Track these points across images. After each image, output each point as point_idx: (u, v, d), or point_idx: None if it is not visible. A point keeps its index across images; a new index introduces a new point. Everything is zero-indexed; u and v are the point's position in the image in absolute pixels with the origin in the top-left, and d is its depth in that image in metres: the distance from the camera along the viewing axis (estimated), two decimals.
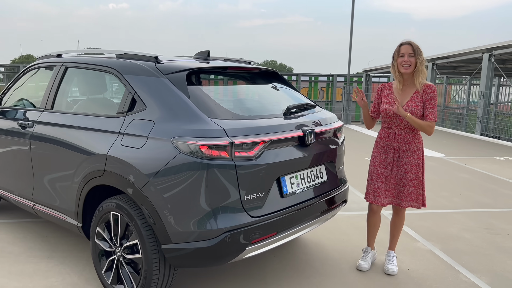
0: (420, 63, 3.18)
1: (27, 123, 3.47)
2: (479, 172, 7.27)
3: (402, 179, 3.26)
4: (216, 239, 2.45)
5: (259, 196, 2.59)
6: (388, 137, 3.28)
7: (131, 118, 2.74)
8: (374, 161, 3.35)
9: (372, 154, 3.38)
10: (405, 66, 3.16)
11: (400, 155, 3.25)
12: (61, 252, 3.62)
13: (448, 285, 3.24)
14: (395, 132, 3.26)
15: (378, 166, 3.30)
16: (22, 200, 3.65)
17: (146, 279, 2.62)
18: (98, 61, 3.19)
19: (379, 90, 3.40)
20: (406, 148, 3.23)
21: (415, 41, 3.19)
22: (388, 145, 3.28)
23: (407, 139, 3.23)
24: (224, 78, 3.51)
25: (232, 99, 3.18)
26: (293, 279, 3.25)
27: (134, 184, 2.58)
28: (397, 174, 3.27)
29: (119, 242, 2.78)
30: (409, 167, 3.24)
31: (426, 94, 3.20)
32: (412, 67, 3.17)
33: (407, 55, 3.16)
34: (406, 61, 3.16)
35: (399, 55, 3.20)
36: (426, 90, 3.21)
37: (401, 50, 3.20)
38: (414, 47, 3.16)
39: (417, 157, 3.25)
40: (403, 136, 3.24)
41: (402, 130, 3.24)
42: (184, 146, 2.44)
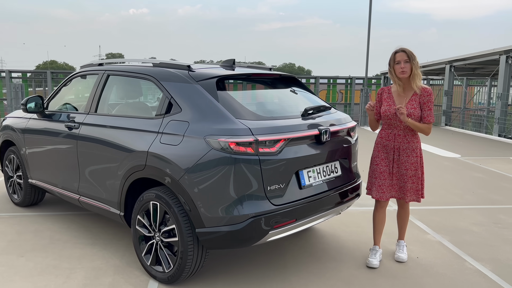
0: (416, 68, 3.41)
1: (74, 124, 3.91)
2: (493, 171, 7.46)
3: (402, 176, 3.50)
4: (243, 223, 2.82)
5: (280, 187, 2.95)
6: (388, 137, 3.53)
7: (169, 120, 3.15)
8: (376, 159, 3.59)
9: (374, 153, 3.62)
10: (403, 72, 3.40)
11: (400, 153, 3.49)
12: (103, 240, 4.05)
13: (453, 271, 3.53)
14: (395, 132, 3.50)
15: (381, 165, 3.54)
16: (68, 193, 4.09)
17: (182, 259, 3.01)
18: (137, 69, 3.62)
19: (379, 93, 3.65)
20: (405, 147, 3.47)
21: (408, 47, 3.42)
22: (388, 144, 3.52)
23: (406, 139, 3.48)
24: (248, 83, 3.87)
25: (256, 102, 3.54)
26: (310, 264, 3.60)
27: (172, 176, 2.97)
28: (398, 171, 3.51)
29: (157, 228, 3.18)
30: (408, 165, 3.47)
31: (423, 98, 3.44)
32: (408, 72, 3.41)
33: (403, 62, 3.40)
34: (403, 67, 3.39)
35: (395, 62, 3.43)
36: (424, 94, 3.44)
37: (397, 58, 3.43)
38: (408, 54, 3.40)
39: (415, 155, 3.49)
40: (402, 136, 3.48)
41: (401, 130, 3.48)
42: (215, 143, 2.83)
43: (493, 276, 3.45)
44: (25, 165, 4.68)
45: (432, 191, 5.92)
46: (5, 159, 5.10)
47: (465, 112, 16.66)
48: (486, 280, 3.38)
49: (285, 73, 3.90)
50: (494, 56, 12.30)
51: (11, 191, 5.12)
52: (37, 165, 4.51)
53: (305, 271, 3.47)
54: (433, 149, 9.65)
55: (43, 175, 4.45)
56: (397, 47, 3.49)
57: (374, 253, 3.65)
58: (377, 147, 3.60)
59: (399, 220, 3.77)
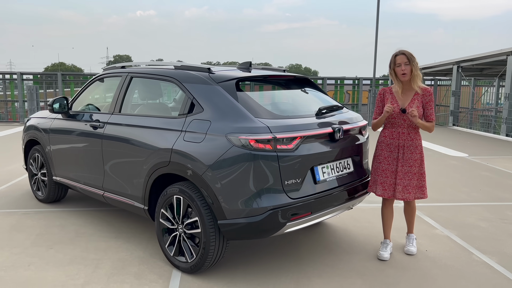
0: (415, 69, 3.55)
1: (98, 124, 4.13)
2: (501, 170, 7.59)
3: (407, 173, 3.61)
4: (262, 215, 3.02)
5: (296, 182, 3.15)
6: (392, 135, 3.65)
7: (191, 119, 3.35)
8: (379, 158, 3.71)
9: (376, 152, 3.75)
10: (403, 74, 3.55)
11: (404, 151, 3.61)
12: (125, 233, 4.26)
13: (461, 263, 3.70)
14: (399, 130, 3.62)
15: (383, 163, 3.68)
16: (92, 189, 4.31)
17: (204, 249, 3.21)
18: (160, 71, 3.83)
19: (381, 94, 3.75)
20: (409, 144, 3.61)
21: (407, 49, 3.57)
22: (392, 143, 3.64)
23: (410, 136, 3.61)
24: (264, 85, 4.06)
25: (272, 102, 3.74)
26: (324, 256, 3.79)
27: (196, 172, 3.17)
28: (402, 169, 3.61)
29: (181, 220, 3.38)
30: (412, 161, 3.61)
31: (425, 97, 3.59)
32: (409, 74, 3.55)
33: (403, 64, 3.53)
34: (403, 69, 3.53)
35: (396, 64, 3.57)
36: (426, 94, 3.60)
37: (397, 60, 3.56)
38: (408, 56, 3.53)
39: (418, 151, 3.63)
40: (406, 134, 3.61)
41: (405, 128, 3.61)
42: (236, 140, 3.03)
43: (499, 267, 3.61)
44: (50, 163, 4.91)
45: (440, 188, 6.08)
46: (30, 158, 5.34)
47: (473, 112, 16.72)
48: (492, 271, 3.55)
49: (299, 74, 4.10)
50: (502, 56, 12.39)
51: (35, 188, 5.35)
52: (61, 163, 4.73)
53: (320, 263, 3.65)
54: (441, 148, 9.78)
55: (67, 172, 4.68)
56: (396, 49, 3.63)
57: (385, 246, 3.82)
58: (380, 146, 3.73)
59: (407, 216, 3.92)
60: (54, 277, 3.33)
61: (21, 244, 3.95)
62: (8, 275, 3.35)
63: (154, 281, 3.29)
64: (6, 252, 3.77)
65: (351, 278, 3.39)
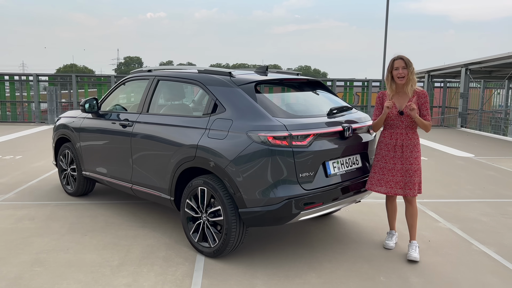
0: (411, 74, 3.75)
1: (128, 123, 4.51)
2: (505, 170, 7.85)
3: (408, 170, 3.78)
4: (278, 204, 3.37)
5: (309, 175, 3.49)
6: (391, 136, 3.84)
7: (215, 118, 3.72)
8: (377, 156, 3.91)
9: (376, 151, 3.96)
10: (400, 77, 3.76)
11: (403, 150, 3.79)
12: (151, 223, 4.64)
13: (461, 252, 4.02)
14: (398, 131, 3.81)
15: (381, 161, 3.87)
16: (121, 182, 4.69)
17: (226, 235, 3.57)
18: (185, 75, 4.20)
19: (379, 97, 3.94)
20: (408, 143, 3.79)
21: (405, 55, 3.79)
22: (391, 143, 3.82)
23: (408, 136, 3.80)
24: (280, 87, 4.41)
25: (287, 102, 4.08)
26: (334, 245, 4.13)
27: (219, 165, 3.54)
28: (402, 167, 3.79)
29: (204, 209, 3.74)
30: (412, 159, 3.78)
31: (420, 99, 3.78)
32: (406, 78, 3.76)
33: (401, 68, 3.74)
34: (401, 73, 3.74)
35: (394, 68, 3.78)
36: (421, 96, 3.79)
37: (395, 64, 3.77)
38: (405, 61, 3.75)
39: (417, 150, 3.82)
40: (404, 134, 3.80)
41: (403, 129, 3.80)
42: (256, 137, 3.38)
43: (496, 256, 3.92)
44: (80, 159, 5.32)
45: (445, 186, 6.38)
46: (60, 154, 5.75)
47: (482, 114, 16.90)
48: (490, 259, 3.86)
49: (312, 78, 4.44)
50: (509, 59, 12.59)
51: (64, 182, 5.76)
52: (91, 158, 5.13)
53: (330, 250, 3.99)
54: (448, 149, 10.04)
55: (96, 167, 5.07)
56: (394, 54, 3.85)
57: (391, 236, 4.14)
58: (379, 145, 3.93)
59: (408, 218, 3.93)
60: (91, 259, 3.72)
61: (57, 232, 4.35)
62: (51, 257, 3.74)
63: (180, 264, 3.65)
64: (45, 238, 4.17)
65: (359, 263, 3.72)
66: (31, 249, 3.91)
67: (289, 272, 3.53)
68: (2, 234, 4.26)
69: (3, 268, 3.52)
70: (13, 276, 3.39)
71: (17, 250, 3.88)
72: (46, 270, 3.50)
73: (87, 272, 3.47)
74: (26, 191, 5.88)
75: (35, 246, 3.98)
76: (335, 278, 3.45)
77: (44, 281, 3.33)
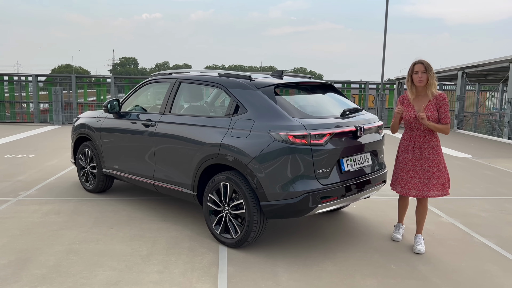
0: (431, 77, 3.90)
1: (151, 122, 4.79)
2: (502, 170, 8.20)
3: (426, 172, 3.96)
4: (298, 198, 3.66)
5: (326, 171, 3.79)
6: (410, 138, 4.04)
7: (237, 118, 4.00)
8: (399, 158, 4.12)
9: (398, 153, 4.16)
10: (420, 81, 3.93)
11: (422, 152, 3.97)
12: (171, 217, 4.92)
13: (463, 243, 4.33)
14: (416, 134, 4.00)
15: (402, 163, 4.07)
16: (143, 179, 4.96)
17: (248, 227, 3.85)
18: (207, 78, 4.49)
19: (400, 100, 4.12)
20: (426, 146, 3.97)
21: (426, 59, 3.95)
22: (410, 145, 4.02)
23: (426, 139, 3.98)
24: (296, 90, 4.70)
25: (303, 104, 4.35)
26: (346, 236, 4.43)
27: (242, 162, 3.82)
28: (421, 169, 3.97)
29: (227, 203, 4.03)
30: (430, 161, 3.96)
31: (439, 102, 3.93)
32: (425, 81, 3.91)
33: (420, 72, 3.90)
34: (420, 77, 3.91)
35: (414, 72, 3.94)
36: (439, 99, 3.93)
37: (415, 68, 3.93)
38: (425, 65, 3.90)
39: (436, 152, 3.98)
40: (423, 136, 3.98)
41: (421, 132, 3.98)
42: (277, 136, 3.68)
43: (496, 247, 4.23)
44: (100, 157, 5.58)
45: None
46: (79, 153, 6.00)
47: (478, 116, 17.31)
48: (489, 250, 4.17)
49: (324, 81, 4.74)
50: (504, 63, 12.99)
51: (83, 180, 6.02)
52: (112, 156, 5.40)
53: (342, 241, 4.29)
54: (446, 150, 10.38)
55: (117, 164, 5.33)
56: (415, 59, 4.05)
57: (398, 229, 4.43)
58: (400, 148, 4.14)
59: (418, 215, 4.18)
60: (121, 249, 3.99)
61: (84, 225, 4.61)
62: (83, 248, 4.01)
63: (205, 253, 3.93)
64: (74, 231, 4.43)
65: (369, 253, 4.02)
66: (63, 240, 4.18)
67: (307, 261, 3.82)
68: (33, 227, 4.52)
69: (41, 257, 3.79)
70: (52, 264, 3.66)
71: (50, 242, 4.14)
72: (81, 259, 3.77)
73: (119, 261, 3.75)
74: (46, 187, 6.14)
75: (66, 237, 4.25)
76: (349, 266, 3.74)
77: (81, 268, 3.60)
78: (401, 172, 4.11)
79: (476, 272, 3.70)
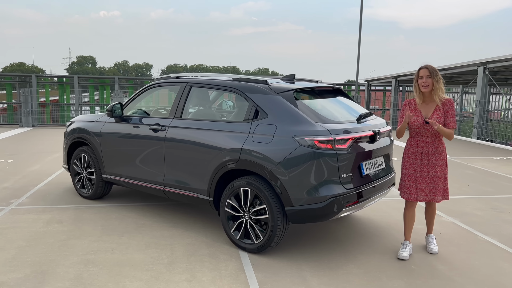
0: (437, 82, 3.87)
1: (160, 127, 4.68)
2: (480, 169, 8.61)
3: (433, 178, 3.96)
4: (324, 202, 3.70)
5: (349, 175, 3.85)
6: (417, 144, 3.99)
7: (257, 123, 3.99)
8: (405, 164, 4.06)
9: (403, 159, 4.10)
10: (424, 86, 3.91)
11: (429, 158, 3.95)
12: (180, 224, 4.83)
13: (470, 242, 4.52)
14: (423, 139, 3.96)
15: (409, 169, 4.03)
16: (150, 185, 4.83)
17: (272, 232, 3.85)
18: (221, 82, 4.45)
19: (405, 105, 4.05)
20: (434, 151, 3.96)
21: (431, 64, 3.92)
22: (417, 151, 3.98)
23: (433, 144, 3.96)
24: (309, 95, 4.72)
25: (320, 109, 4.39)
26: (361, 239, 4.51)
27: (266, 167, 3.81)
28: (429, 174, 3.95)
29: (247, 208, 4.00)
30: (438, 167, 3.96)
31: (446, 107, 3.92)
32: (430, 86, 3.89)
33: (425, 77, 3.87)
34: (425, 82, 3.87)
35: (419, 77, 3.92)
36: (446, 103, 3.93)
37: (420, 73, 3.91)
38: (430, 70, 3.87)
39: (442, 158, 4.00)
40: (430, 142, 3.96)
41: (429, 137, 3.95)
42: (303, 141, 3.70)
43: (500, 245, 4.45)
44: (100, 163, 5.39)
45: None
46: (74, 158, 5.77)
47: None
48: (496, 247, 4.38)
49: (335, 86, 4.81)
50: (473, 67, 13.64)
51: (79, 186, 5.79)
52: (113, 162, 5.23)
53: (357, 244, 4.37)
54: None
55: (120, 170, 5.17)
56: (422, 63, 4.03)
57: (405, 247, 4.10)
58: (406, 153, 4.08)
59: (427, 217, 4.23)
60: (140, 258, 3.88)
61: (92, 234, 4.45)
62: (100, 258, 3.87)
63: (227, 260, 3.90)
64: (84, 240, 4.27)
65: (387, 254, 4.12)
66: (76, 250, 4.02)
67: (330, 264, 3.87)
68: (39, 238, 4.31)
69: (58, 270, 3.63)
70: (72, 277, 3.51)
71: (62, 252, 3.97)
72: (102, 270, 3.64)
73: (142, 270, 3.65)
74: (38, 195, 5.87)
75: (77, 248, 4.08)
76: (373, 268, 3.82)
77: (105, 279, 3.47)
78: (409, 178, 4.06)
79: (491, 269, 3.87)
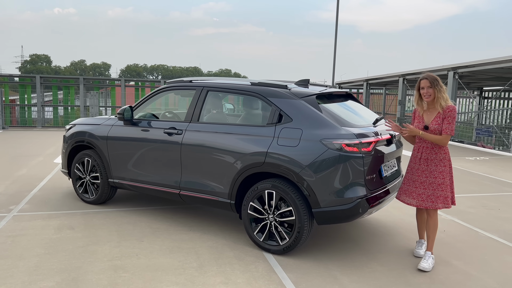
0: (438, 91, 3.90)
1: (176, 131, 4.67)
2: (459, 169, 9.08)
3: (431, 184, 3.95)
4: (352, 203, 3.84)
5: (372, 177, 4.01)
6: (418, 149, 4.06)
7: (281, 127, 4.08)
8: (408, 168, 4.14)
9: (408, 163, 4.17)
10: (426, 96, 3.94)
11: (428, 163, 3.97)
12: (196, 227, 4.83)
13: (473, 238, 4.81)
14: (424, 145, 4.01)
15: (410, 173, 4.09)
16: (165, 189, 4.80)
17: (299, 233, 3.95)
18: (240, 87, 4.50)
19: (414, 112, 4.18)
20: (433, 157, 3.96)
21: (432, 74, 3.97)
22: (418, 156, 4.04)
23: (434, 151, 3.96)
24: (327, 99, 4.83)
25: (339, 113, 4.49)
26: (374, 238, 4.69)
27: (293, 170, 3.91)
28: (426, 180, 3.96)
29: (272, 211, 4.08)
30: (437, 173, 3.94)
31: (445, 113, 3.90)
32: (432, 96, 3.91)
33: (426, 87, 3.91)
34: (426, 92, 3.92)
35: (420, 88, 3.97)
36: (446, 110, 3.90)
37: (421, 84, 3.94)
38: (430, 80, 3.90)
39: (443, 165, 3.96)
40: (430, 148, 3.97)
41: (429, 143, 3.97)
42: (331, 144, 3.83)
43: (502, 240, 4.76)
44: (106, 167, 5.29)
45: None
46: (76, 162, 5.63)
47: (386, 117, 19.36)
48: (498, 243, 4.68)
49: (347, 91, 4.98)
50: (443, 72, 14.35)
51: (81, 191, 5.65)
52: (122, 166, 5.14)
53: (372, 243, 4.55)
54: None
55: (129, 174, 5.09)
56: (422, 74, 4.11)
57: (420, 245, 4.28)
58: (410, 158, 4.16)
59: (428, 230, 4.08)
60: (169, 263, 3.87)
61: (110, 239, 4.38)
62: (128, 263, 3.83)
63: (255, 262, 3.96)
64: (105, 246, 4.20)
65: (404, 252, 4.32)
66: (100, 257, 3.95)
67: (354, 263, 4.02)
68: (56, 244, 4.20)
69: (89, 276, 3.56)
70: (106, 283, 3.46)
71: (86, 259, 3.90)
72: (134, 276, 3.61)
73: (175, 275, 3.65)
74: (37, 200, 5.68)
75: (100, 254, 4.02)
76: (395, 265, 4.00)
77: (141, 285, 3.45)
78: (406, 181, 4.14)
79: (501, 263, 4.15)
